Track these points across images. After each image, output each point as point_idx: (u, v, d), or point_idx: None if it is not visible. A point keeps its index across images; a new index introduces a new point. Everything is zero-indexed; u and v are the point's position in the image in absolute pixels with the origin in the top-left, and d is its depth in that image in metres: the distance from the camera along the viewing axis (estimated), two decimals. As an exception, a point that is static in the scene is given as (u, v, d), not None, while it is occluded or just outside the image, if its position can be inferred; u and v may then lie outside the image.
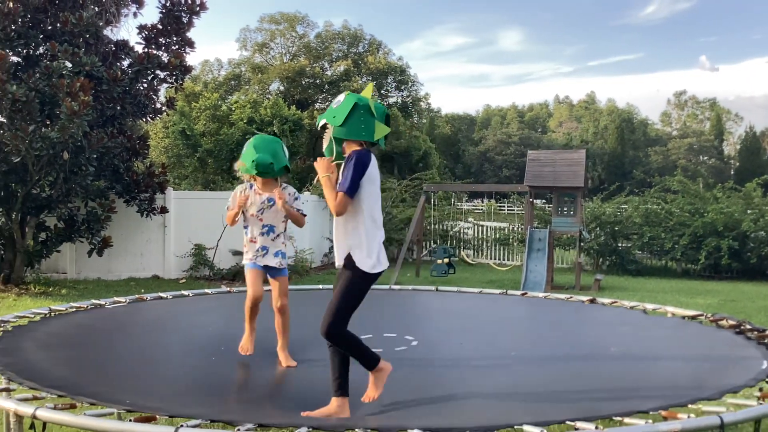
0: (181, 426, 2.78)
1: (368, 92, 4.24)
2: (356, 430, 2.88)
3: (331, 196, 3.99)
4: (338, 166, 4.18)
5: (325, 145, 4.29)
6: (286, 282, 5.19)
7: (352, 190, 3.92)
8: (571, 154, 16.88)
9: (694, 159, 72.62)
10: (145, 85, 13.88)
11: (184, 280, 14.66)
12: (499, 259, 21.74)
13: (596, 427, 2.89)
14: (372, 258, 3.93)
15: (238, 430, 2.79)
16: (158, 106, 14.55)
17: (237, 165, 5.15)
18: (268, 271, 5.20)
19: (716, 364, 4.42)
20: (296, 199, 5.23)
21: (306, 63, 42.19)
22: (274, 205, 5.11)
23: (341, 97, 4.20)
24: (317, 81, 42.00)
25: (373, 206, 4.03)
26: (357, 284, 3.91)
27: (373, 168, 4.05)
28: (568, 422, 3.10)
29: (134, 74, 13.37)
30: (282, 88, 41.93)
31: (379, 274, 4.00)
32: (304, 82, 41.61)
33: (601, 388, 3.95)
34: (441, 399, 3.90)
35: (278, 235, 5.24)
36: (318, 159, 4.25)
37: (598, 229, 19.88)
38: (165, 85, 14.42)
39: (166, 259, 15.36)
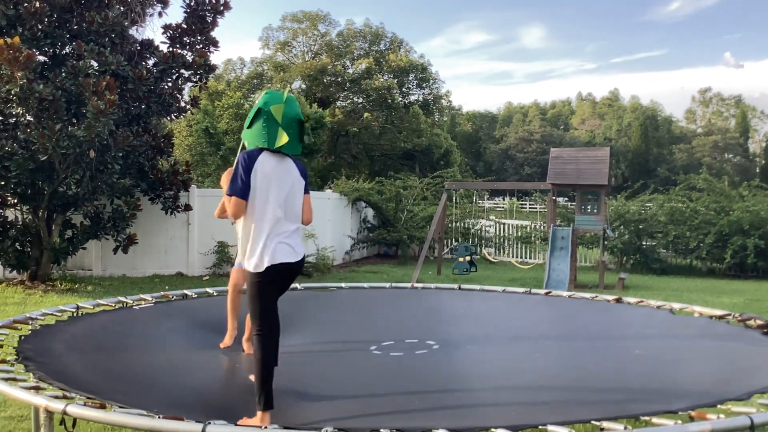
0: (209, 423, 2.81)
1: (283, 94, 4.12)
2: (381, 430, 2.88)
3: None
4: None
5: (239, 150, 4.20)
6: None
7: (233, 189, 3.86)
8: (594, 152, 16.74)
9: (719, 157, 71.77)
10: (170, 84, 13.99)
11: (207, 277, 14.76)
12: (521, 258, 21.65)
13: (625, 428, 2.87)
14: (255, 257, 3.84)
15: (265, 428, 2.81)
16: (182, 104, 14.67)
17: None
18: None
19: (744, 364, 4.37)
20: None
21: (328, 61, 42.27)
22: None
23: (257, 98, 4.10)
24: (339, 79, 42.06)
25: (267, 204, 3.91)
26: (251, 285, 3.81)
27: (263, 164, 3.94)
28: (594, 422, 3.08)
29: (159, 73, 13.48)
30: (304, 86, 42.05)
31: (276, 269, 3.83)
32: (325, 81, 41.70)
33: (628, 388, 3.92)
34: (465, 399, 3.90)
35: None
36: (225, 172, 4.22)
37: (622, 227, 19.74)
38: (189, 84, 14.52)
39: (190, 256, 15.47)
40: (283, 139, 3.97)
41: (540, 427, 3.09)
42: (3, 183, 12.05)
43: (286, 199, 3.99)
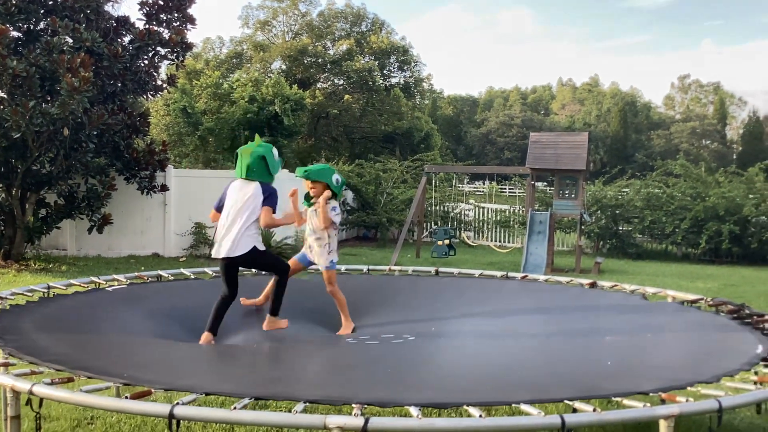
0: (178, 403, 2.78)
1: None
2: (353, 404, 2.87)
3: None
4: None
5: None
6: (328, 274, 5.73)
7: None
8: (573, 137, 16.80)
9: (696, 143, 72.43)
10: (146, 62, 13.81)
11: (184, 259, 14.67)
12: (500, 241, 21.75)
13: (594, 409, 2.88)
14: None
15: (235, 407, 2.79)
16: (159, 83, 14.49)
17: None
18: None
19: (714, 348, 4.41)
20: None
21: (308, 42, 41.96)
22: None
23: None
24: (319, 60, 41.79)
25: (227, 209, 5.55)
26: None
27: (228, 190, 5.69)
28: (567, 401, 3.09)
29: (135, 51, 13.30)
30: (284, 67, 41.73)
31: (222, 258, 5.40)
32: (306, 61, 41.41)
33: (600, 369, 3.94)
34: (438, 378, 3.91)
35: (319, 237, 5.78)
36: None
37: (599, 212, 19.88)
38: (166, 62, 14.35)
39: (167, 237, 15.36)
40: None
41: (513, 405, 3.10)
42: (-25, 161, 11.87)
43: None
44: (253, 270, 6.70)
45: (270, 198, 5.31)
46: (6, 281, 11.15)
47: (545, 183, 24.11)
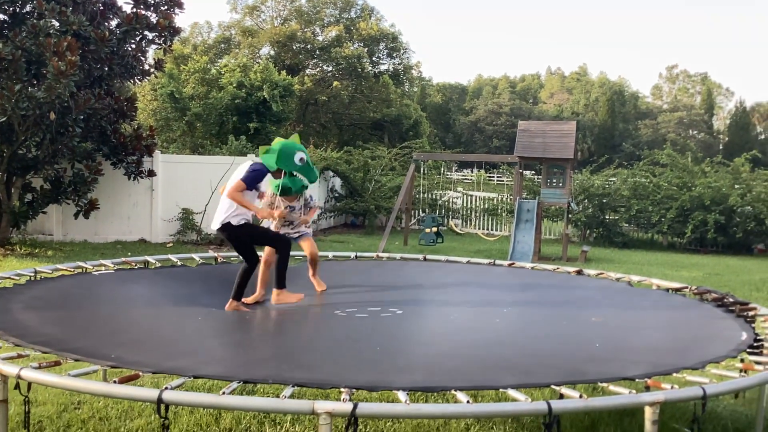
0: (166, 388, 2.78)
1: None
2: (342, 388, 2.88)
3: None
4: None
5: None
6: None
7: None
8: (561, 126, 16.84)
9: (683, 133, 72.66)
10: (133, 46, 13.70)
11: (171, 244, 14.62)
12: (488, 229, 21.81)
13: (580, 396, 2.91)
14: None
15: (223, 392, 2.79)
16: (146, 67, 14.38)
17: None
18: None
19: (699, 335, 4.46)
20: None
21: (297, 27, 41.68)
22: (293, 211, 6.22)
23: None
24: (308, 46, 41.54)
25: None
26: None
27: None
28: (553, 386, 3.12)
29: (122, 35, 13.18)
30: (272, 52, 41.46)
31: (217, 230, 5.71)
32: (295, 47, 41.14)
33: (586, 355, 3.97)
34: (425, 362, 3.93)
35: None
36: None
37: (586, 201, 19.97)
38: (153, 46, 14.23)
39: (153, 222, 15.29)
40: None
41: (501, 390, 3.12)
42: (-40, 144, 11.76)
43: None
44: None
45: (250, 174, 5.53)
46: (-9, 266, 11.09)
47: (533, 171, 24.18)
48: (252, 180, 5.52)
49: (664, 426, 4.75)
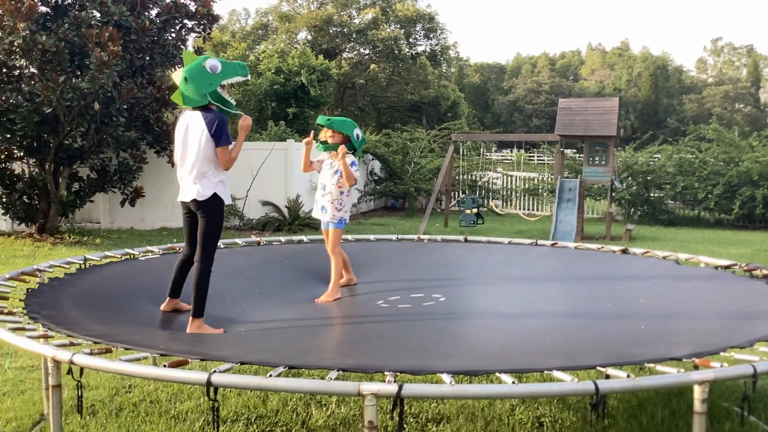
0: (214, 371, 2.83)
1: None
2: (385, 372, 2.90)
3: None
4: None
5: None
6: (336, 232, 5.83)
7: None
8: (603, 102, 16.56)
9: (729, 107, 70.89)
10: (173, 35, 13.84)
11: (215, 230, 14.80)
12: (529, 210, 21.63)
13: (628, 375, 2.88)
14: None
15: (270, 375, 2.83)
16: (186, 56, 14.51)
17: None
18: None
19: (748, 313, 4.36)
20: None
21: (333, 11, 41.65)
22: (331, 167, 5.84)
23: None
24: (345, 30, 41.49)
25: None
26: None
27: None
28: (599, 368, 3.09)
29: (162, 24, 13.32)
30: (309, 37, 41.52)
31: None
32: (331, 31, 41.14)
33: (632, 335, 3.92)
34: (469, 346, 3.93)
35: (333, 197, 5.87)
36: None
37: (630, 178, 19.66)
38: (193, 34, 14.36)
39: (197, 209, 15.48)
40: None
41: (546, 372, 3.10)
42: (9, 136, 12.03)
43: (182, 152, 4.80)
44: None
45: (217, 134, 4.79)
46: (42, 254, 11.38)
47: (575, 150, 23.86)
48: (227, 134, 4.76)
49: (714, 405, 4.69)
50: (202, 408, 5.08)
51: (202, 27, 13.99)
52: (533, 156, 36.18)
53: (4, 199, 12.72)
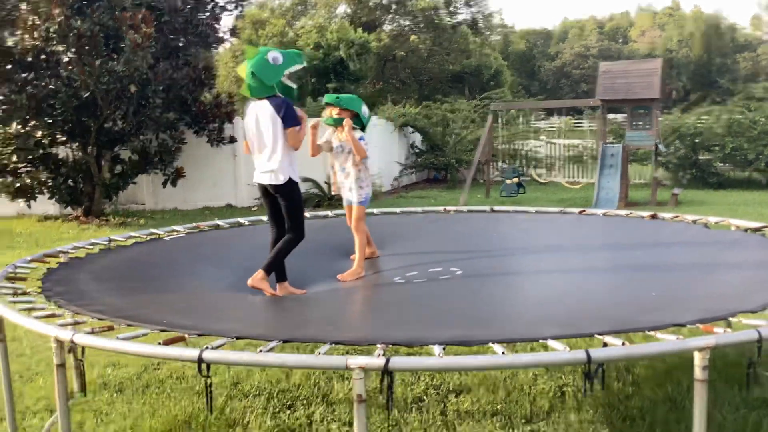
0: (207, 347, 2.87)
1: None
2: (377, 344, 2.90)
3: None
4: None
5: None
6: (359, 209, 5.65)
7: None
8: (645, 64, 16.12)
9: (787, 64, 68.13)
10: (206, 15, 13.93)
11: (256, 208, 14.99)
12: (573, 177, 21.26)
13: (623, 343, 2.81)
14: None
15: (260, 350, 2.86)
16: (220, 35, 14.62)
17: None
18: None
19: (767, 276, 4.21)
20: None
21: (373, -18, 41.27)
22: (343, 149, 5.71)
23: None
24: (384, 1, 41.10)
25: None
26: None
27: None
28: (597, 335, 3.02)
29: (194, 3, 13.42)
30: (349, 10, 41.27)
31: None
32: (371, 4, 40.80)
33: (641, 302, 3.82)
34: (470, 315, 3.88)
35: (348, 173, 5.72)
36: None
37: (677, 141, 19.11)
38: (226, 13, 14.45)
39: (238, 187, 15.70)
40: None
41: (541, 341, 3.06)
42: (51, 121, 12.34)
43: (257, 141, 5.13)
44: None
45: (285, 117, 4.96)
46: (86, 236, 11.65)
47: (620, 115, 23.30)
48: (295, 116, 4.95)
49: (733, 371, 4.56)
50: (227, 383, 5.19)
51: (234, 5, 14.06)
52: (582, 122, 35.42)
53: (50, 183, 13.09)
